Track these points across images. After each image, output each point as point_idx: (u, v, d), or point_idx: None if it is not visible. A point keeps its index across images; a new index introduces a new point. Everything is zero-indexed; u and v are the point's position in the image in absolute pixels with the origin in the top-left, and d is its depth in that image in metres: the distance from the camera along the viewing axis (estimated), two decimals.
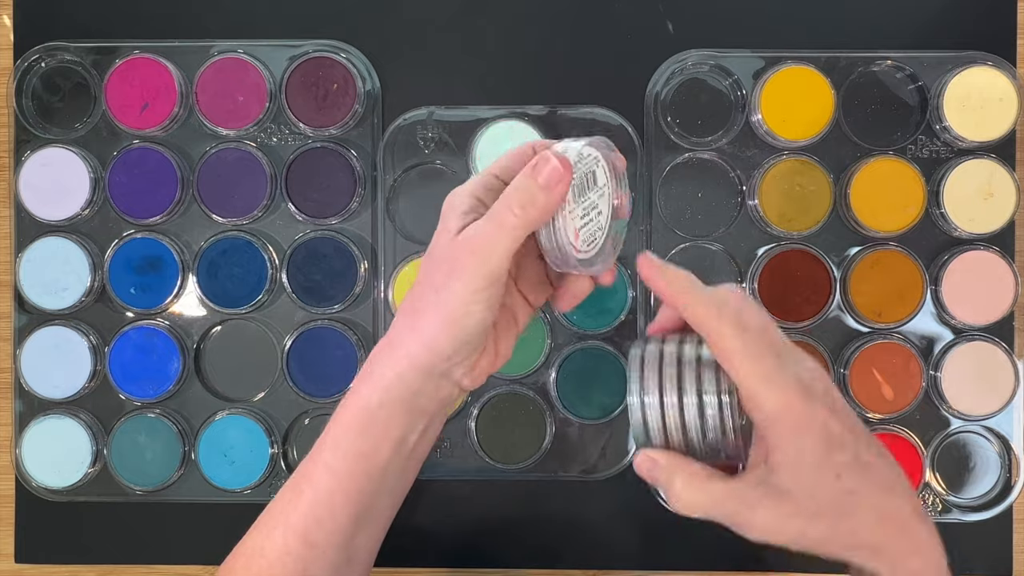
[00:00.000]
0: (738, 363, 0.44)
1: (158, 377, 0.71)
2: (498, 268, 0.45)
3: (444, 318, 0.46)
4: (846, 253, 0.70)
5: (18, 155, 0.71)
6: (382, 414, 0.48)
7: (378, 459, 0.49)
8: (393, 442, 0.49)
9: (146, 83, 0.70)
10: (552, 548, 0.72)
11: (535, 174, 0.45)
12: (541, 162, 0.45)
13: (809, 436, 0.43)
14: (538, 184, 0.45)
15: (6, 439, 0.72)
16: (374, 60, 0.71)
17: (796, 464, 0.44)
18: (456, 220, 0.47)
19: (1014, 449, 0.70)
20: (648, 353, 0.47)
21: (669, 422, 0.46)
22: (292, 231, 0.71)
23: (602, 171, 0.49)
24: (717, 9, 0.71)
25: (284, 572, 0.50)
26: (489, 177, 0.49)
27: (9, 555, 0.72)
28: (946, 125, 0.69)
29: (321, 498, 0.49)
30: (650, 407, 0.46)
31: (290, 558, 0.50)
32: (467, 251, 0.45)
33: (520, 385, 0.71)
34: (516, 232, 0.45)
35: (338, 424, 0.50)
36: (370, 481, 0.49)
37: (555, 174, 0.45)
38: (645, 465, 0.46)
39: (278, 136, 0.71)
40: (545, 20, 0.72)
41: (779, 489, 0.44)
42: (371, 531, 0.52)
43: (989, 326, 0.69)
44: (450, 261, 0.46)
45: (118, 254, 0.71)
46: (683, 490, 0.45)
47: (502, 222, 0.45)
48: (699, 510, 0.45)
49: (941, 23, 0.71)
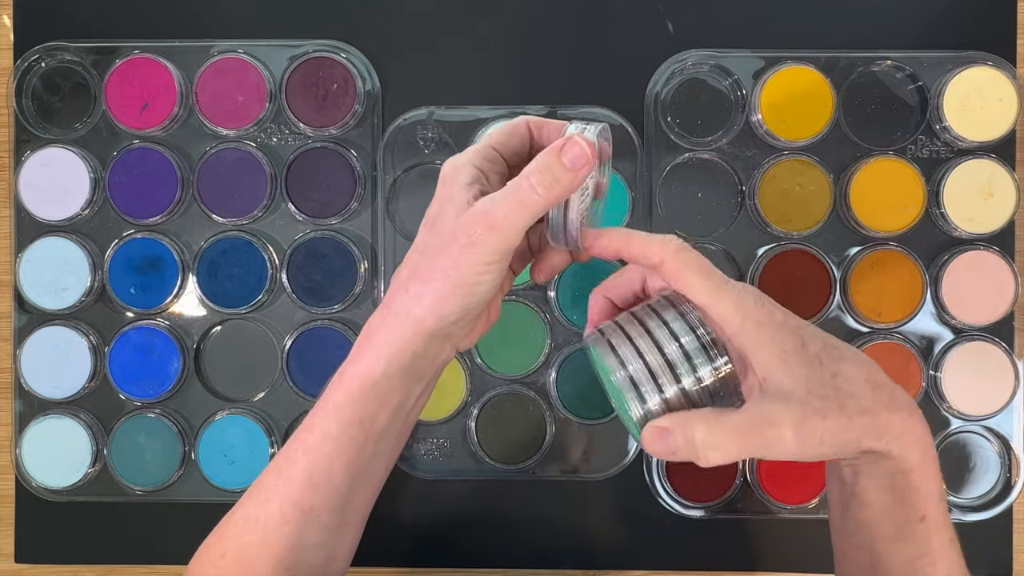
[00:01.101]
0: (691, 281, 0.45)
1: (158, 377, 0.71)
2: (514, 242, 0.46)
3: (455, 285, 0.46)
4: (846, 253, 0.70)
5: (18, 155, 0.71)
6: (384, 383, 0.49)
7: (376, 426, 0.50)
8: (392, 409, 0.49)
9: (146, 83, 0.70)
10: (552, 548, 0.72)
11: (563, 154, 0.45)
12: (569, 144, 0.46)
13: (776, 330, 0.45)
14: (563, 165, 0.45)
15: (6, 439, 0.72)
16: (374, 60, 0.71)
17: (782, 362, 0.44)
18: (462, 191, 0.47)
19: (1014, 449, 0.70)
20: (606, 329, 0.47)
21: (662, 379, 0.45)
22: (292, 231, 0.71)
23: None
24: (717, 9, 0.71)
25: (280, 540, 0.50)
26: (488, 149, 0.49)
27: (9, 555, 0.73)
28: (946, 125, 0.69)
29: (319, 465, 0.50)
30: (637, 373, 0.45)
31: (288, 527, 0.50)
32: (485, 225, 0.45)
33: (520, 385, 0.71)
34: (537, 210, 0.46)
35: (338, 392, 0.50)
36: (367, 446, 0.50)
37: (582, 157, 0.45)
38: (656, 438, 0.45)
39: (278, 136, 0.71)
40: (545, 20, 0.72)
41: (783, 396, 0.44)
42: (365, 494, 0.52)
43: (989, 326, 0.69)
44: (467, 233, 0.46)
45: (118, 254, 0.71)
46: (707, 437, 0.44)
47: (524, 199, 0.45)
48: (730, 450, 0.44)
49: (941, 23, 0.71)
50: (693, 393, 0.45)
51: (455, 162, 0.49)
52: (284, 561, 0.51)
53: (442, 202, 0.48)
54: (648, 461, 0.71)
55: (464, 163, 0.48)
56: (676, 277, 0.46)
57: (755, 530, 0.71)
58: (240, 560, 0.52)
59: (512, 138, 0.50)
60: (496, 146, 0.50)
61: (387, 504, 0.72)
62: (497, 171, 0.49)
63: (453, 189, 0.48)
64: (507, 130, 0.50)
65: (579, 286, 0.70)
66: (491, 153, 0.49)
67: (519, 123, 0.51)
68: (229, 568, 0.52)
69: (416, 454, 0.71)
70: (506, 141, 0.50)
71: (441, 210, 0.48)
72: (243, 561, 0.51)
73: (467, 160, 0.49)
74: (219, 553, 0.53)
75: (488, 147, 0.50)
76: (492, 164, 0.49)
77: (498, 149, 0.50)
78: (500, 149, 0.50)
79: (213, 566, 0.53)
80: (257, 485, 0.52)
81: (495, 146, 0.50)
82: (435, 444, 0.71)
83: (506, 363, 0.71)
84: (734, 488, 0.70)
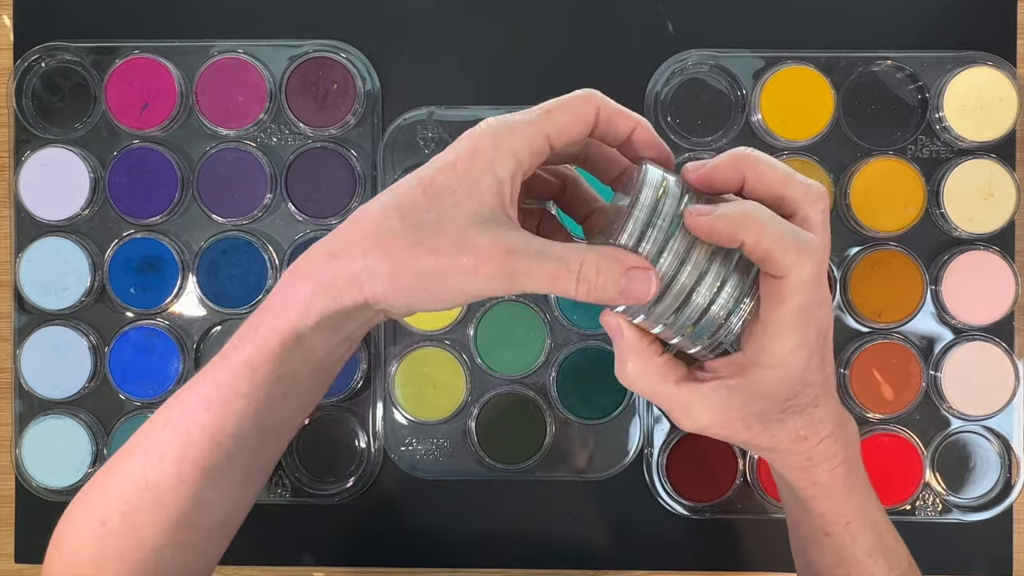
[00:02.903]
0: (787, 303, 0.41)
1: (158, 377, 0.71)
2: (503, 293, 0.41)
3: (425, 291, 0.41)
4: (846, 253, 0.70)
5: (18, 155, 0.71)
6: (309, 340, 0.43)
7: (297, 381, 0.45)
8: (314, 364, 0.45)
9: (146, 83, 0.70)
10: (552, 548, 0.72)
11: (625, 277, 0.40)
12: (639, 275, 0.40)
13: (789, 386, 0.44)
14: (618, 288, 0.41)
15: (6, 439, 0.72)
16: (374, 60, 0.71)
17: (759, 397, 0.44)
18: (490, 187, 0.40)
19: (1014, 449, 0.70)
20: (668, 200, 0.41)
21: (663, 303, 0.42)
22: (292, 231, 0.71)
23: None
24: (717, 9, 0.71)
25: (176, 501, 0.45)
26: (542, 139, 0.41)
27: (9, 555, 0.72)
28: (946, 125, 0.69)
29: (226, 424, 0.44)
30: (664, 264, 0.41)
31: (185, 486, 0.45)
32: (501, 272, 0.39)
33: (520, 385, 0.71)
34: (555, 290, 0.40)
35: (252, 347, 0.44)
36: (285, 401, 0.45)
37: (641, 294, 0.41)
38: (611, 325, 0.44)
39: (278, 136, 0.71)
40: (545, 20, 0.72)
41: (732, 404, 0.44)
42: (272, 448, 0.48)
43: (989, 326, 0.69)
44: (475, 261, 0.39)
45: (118, 254, 0.71)
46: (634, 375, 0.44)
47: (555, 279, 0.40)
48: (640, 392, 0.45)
49: (941, 23, 0.71)
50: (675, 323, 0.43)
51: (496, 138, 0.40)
52: (182, 521, 0.46)
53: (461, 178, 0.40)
54: (648, 461, 0.71)
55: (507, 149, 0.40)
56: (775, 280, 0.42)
57: (755, 530, 0.71)
58: (127, 526, 0.46)
59: (575, 128, 0.42)
60: (553, 136, 0.41)
61: (387, 504, 0.72)
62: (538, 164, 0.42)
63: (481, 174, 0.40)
64: (572, 116, 0.42)
65: None
66: (543, 146, 0.41)
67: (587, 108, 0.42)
68: (113, 535, 0.46)
69: (416, 454, 0.71)
70: (566, 131, 0.41)
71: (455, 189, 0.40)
72: (131, 527, 0.46)
73: (511, 147, 0.40)
74: (99, 520, 0.47)
75: (543, 135, 0.41)
76: (536, 158, 0.41)
77: (553, 140, 0.41)
78: (555, 140, 0.41)
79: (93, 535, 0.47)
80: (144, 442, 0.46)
81: (551, 136, 0.41)
82: (435, 444, 0.71)
83: (506, 363, 0.71)
84: (734, 488, 0.70)
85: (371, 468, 0.71)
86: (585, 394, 0.71)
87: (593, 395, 0.71)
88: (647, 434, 0.70)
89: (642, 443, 0.71)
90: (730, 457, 0.70)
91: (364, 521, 0.72)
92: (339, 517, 0.71)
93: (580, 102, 0.42)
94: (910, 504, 0.70)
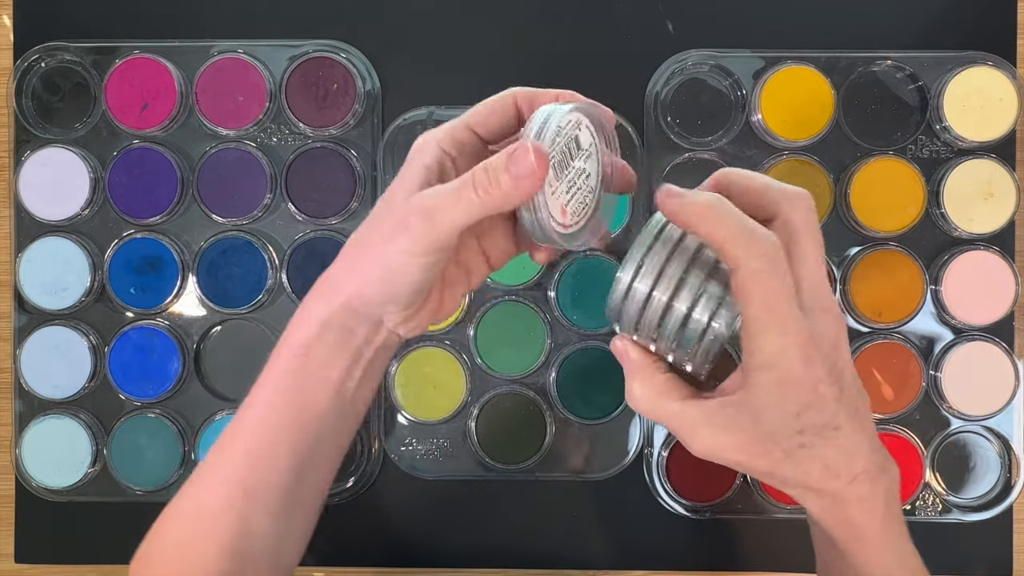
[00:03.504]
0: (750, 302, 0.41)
1: (158, 377, 0.71)
2: (444, 240, 0.43)
3: (380, 269, 0.45)
4: (846, 253, 0.70)
5: (18, 155, 0.71)
6: (319, 353, 0.47)
7: (318, 403, 0.47)
8: (332, 385, 0.47)
9: (146, 83, 0.70)
10: (552, 548, 0.72)
11: (510, 162, 0.42)
12: (520, 153, 0.42)
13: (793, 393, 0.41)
14: (509, 173, 0.42)
15: (6, 439, 0.72)
16: (374, 60, 0.71)
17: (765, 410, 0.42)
18: (417, 175, 0.45)
19: (1014, 449, 0.70)
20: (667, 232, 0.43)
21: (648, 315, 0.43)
22: (292, 231, 0.71)
23: (587, 132, 0.46)
24: (717, 9, 0.71)
25: (225, 527, 0.47)
26: (461, 128, 0.46)
27: (9, 555, 0.73)
28: (946, 125, 0.69)
29: (261, 444, 0.47)
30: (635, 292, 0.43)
31: (232, 513, 0.47)
32: (419, 214, 0.43)
33: (520, 385, 0.71)
34: (473, 211, 0.42)
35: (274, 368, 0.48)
36: (309, 425, 0.48)
37: (527, 169, 0.41)
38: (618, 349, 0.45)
39: (278, 136, 0.71)
40: (545, 20, 0.72)
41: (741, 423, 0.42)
42: (312, 481, 0.50)
43: (989, 326, 0.69)
44: (400, 217, 0.43)
45: (118, 254, 0.71)
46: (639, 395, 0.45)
47: (461, 197, 0.43)
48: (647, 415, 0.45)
49: (941, 23, 0.71)
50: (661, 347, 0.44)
51: (425, 137, 0.46)
52: (229, 549, 0.47)
53: (399, 180, 0.45)
54: (648, 461, 0.71)
55: (430, 141, 0.45)
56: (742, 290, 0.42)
57: (755, 530, 0.71)
58: (184, 553, 0.49)
59: (494, 116, 0.46)
60: (473, 125, 0.46)
61: (387, 504, 0.72)
62: (468, 153, 0.46)
63: (411, 168, 0.45)
64: (489, 107, 0.46)
65: (579, 286, 0.70)
66: (465, 134, 0.46)
67: (505, 98, 0.46)
68: (171, 563, 0.49)
69: (416, 454, 0.71)
70: (486, 119, 0.46)
71: (395, 185, 0.45)
72: (187, 554, 0.48)
73: (435, 139, 0.45)
74: (160, 548, 0.50)
75: (463, 126, 0.46)
76: (463, 146, 0.46)
77: (475, 128, 0.46)
78: (478, 128, 0.46)
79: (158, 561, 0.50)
80: (196, 473, 0.50)
81: (472, 125, 0.46)
82: (435, 444, 0.71)
83: (506, 363, 0.71)
84: (734, 488, 0.70)
85: (371, 468, 0.71)
86: (585, 394, 0.71)
87: (593, 395, 0.71)
88: (647, 434, 0.70)
89: (642, 443, 0.71)
90: None
91: (364, 521, 0.72)
92: (339, 517, 0.71)
93: (498, 96, 0.47)
94: (910, 504, 0.70)
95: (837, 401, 0.43)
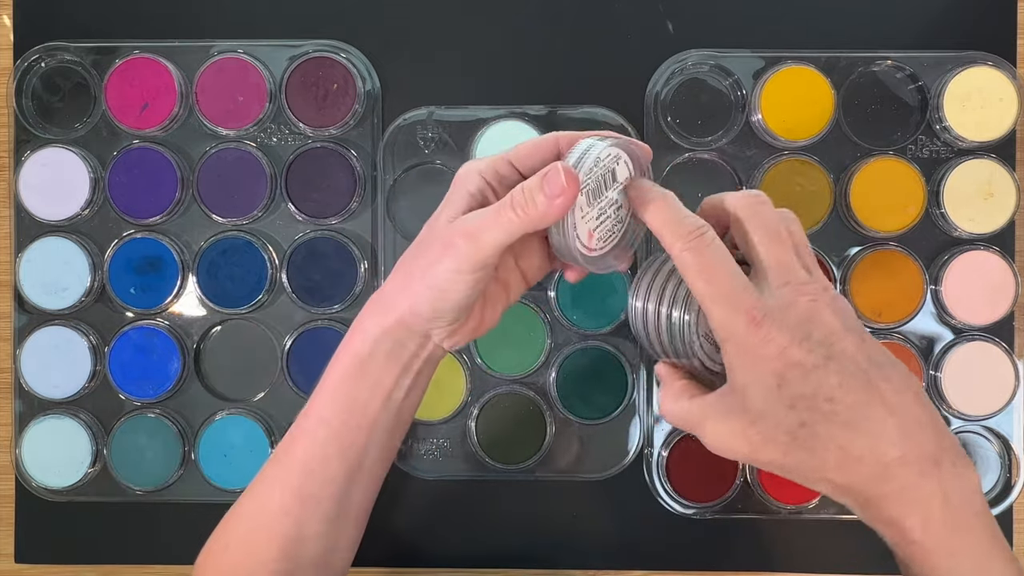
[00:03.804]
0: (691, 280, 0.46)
1: (158, 377, 0.71)
2: (487, 257, 0.47)
3: (428, 287, 0.48)
4: (846, 253, 0.70)
5: (18, 155, 0.71)
6: (372, 365, 0.51)
7: (368, 412, 0.51)
8: (383, 394, 0.51)
9: (146, 83, 0.70)
10: (552, 548, 0.72)
11: (544, 182, 0.46)
12: (552, 173, 0.46)
13: (758, 362, 0.43)
14: (543, 192, 0.46)
15: (6, 439, 0.72)
16: (374, 60, 0.71)
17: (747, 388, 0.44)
18: (461, 201, 0.49)
19: (1014, 449, 0.70)
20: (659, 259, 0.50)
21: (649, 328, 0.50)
22: (292, 231, 0.71)
23: (624, 166, 0.50)
24: (717, 9, 0.71)
25: (280, 530, 0.51)
26: (503, 163, 0.50)
27: (9, 555, 0.73)
28: (946, 125, 0.69)
29: (315, 451, 0.51)
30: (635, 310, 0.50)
31: (288, 516, 0.51)
32: (464, 235, 0.47)
33: (520, 385, 0.71)
34: (513, 229, 0.46)
35: (330, 378, 0.52)
36: (360, 433, 0.51)
37: (559, 188, 0.45)
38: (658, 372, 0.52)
39: (278, 136, 0.71)
40: (545, 20, 0.72)
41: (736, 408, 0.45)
42: (362, 487, 0.53)
43: (989, 326, 0.69)
44: (447, 239, 0.48)
45: (118, 254, 0.71)
46: (664, 401, 0.49)
47: (500, 217, 0.47)
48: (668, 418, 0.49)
49: (941, 23, 0.71)
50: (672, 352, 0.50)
51: (468, 167, 0.50)
52: (284, 550, 0.51)
53: (444, 207, 0.50)
54: (648, 461, 0.71)
55: (475, 171, 0.50)
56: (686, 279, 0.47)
57: (755, 530, 0.71)
58: (243, 550, 0.53)
59: (535, 154, 0.50)
60: (514, 160, 0.50)
61: (387, 504, 0.72)
62: (507, 185, 0.49)
63: (456, 195, 0.49)
64: (531, 146, 0.50)
65: (579, 286, 0.70)
66: (505, 167, 0.50)
67: (547, 140, 0.50)
68: (232, 560, 0.53)
69: (416, 454, 0.71)
70: (526, 157, 0.50)
71: (440, 211, 0.50)
72: (246, 552, 0.52)
73: (478, 169, 0.50)
74: (222, 546, 0.54)
75: (504, 160, 0.50)
76: (503, 178, 0.50)
77: (515, 164, 0.50)
78: (518, 164, 0.50)
79: (216, 560, 0.54)
80: (259, 475, 0.54)
81: (513, 160, 0.50)
82: (435, 444, 0.71)
83: (506, 363, 0.71)
84: (734, 488, 0.70)
85: None
86: (585, 394, 0.71)
87: (593, 395, 0.71)
88: (647, 434, 0.70)
89: (642, 443, 0.71)
90: None
91: None
92: None
93: (542, 137, 0.51)
94: None
95: (819, 368, 0.42)
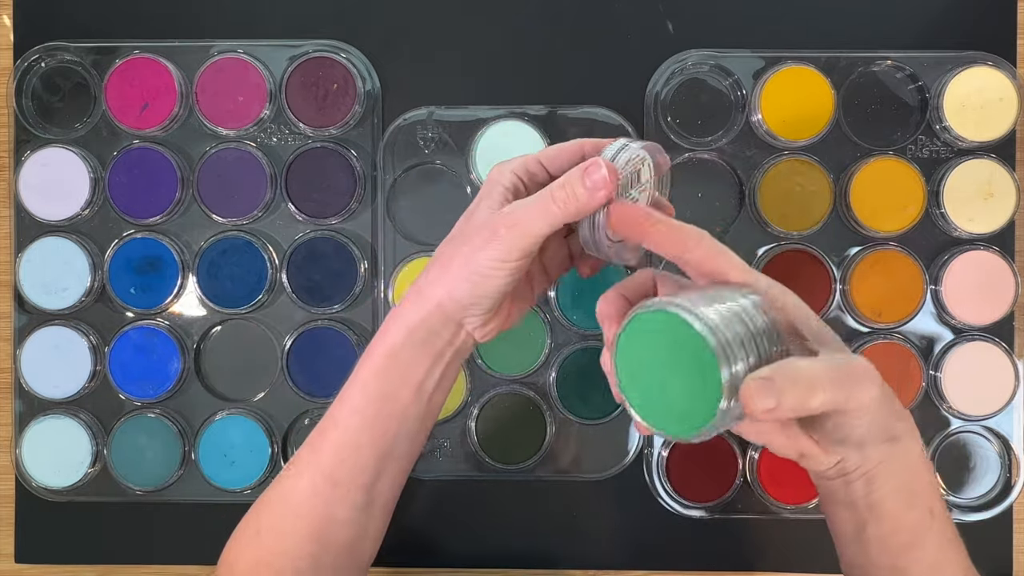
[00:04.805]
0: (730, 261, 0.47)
1: (158, 377, 0.71)
2: (531, 245, 0.49)
3: (470, 272, 0.50)
4: (846, 253, 0.70)
5: (18, 155, 0.71)
6: (405, 354, 0.52)
7: (400, 401, 0.53)
8: (415, 383, 0.53)
9: (146, 83, 0.70)
10: (552, 548, 0.72)
11: (585, 175, 0.48)
12: (593, 167, 0.49)
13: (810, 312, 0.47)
14: (584, 185, 0.48)
15: (6, 439, 0.72)
16: (374, 60, 0.71)
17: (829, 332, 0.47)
18: (499, 195, 0.51)
19: (1014, 449, 0.70)
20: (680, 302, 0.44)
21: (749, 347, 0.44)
22: (292, 231, 0.71)
23: (647, 169, 0.52)
24: (717, 9, 0.71)
25: (311, 514, 0.53)
26: (534, 162, 0.53)
27: (9, 555, 0.73)
28: (946, 125, 0.69)
29: (347, 438, 0.53)
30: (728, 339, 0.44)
31: (318, 500, 0.53)
32: (508, 224, 0.49)
33: (520, 385, 0.71)
34: (555, 220, 0.49)
35: (364, 368, 0.53)
36: (392, 422, 0.53)
37: (600, 181, 0.48)
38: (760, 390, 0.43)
39: (278, 136, 0.71)
40: (545, 20, 0.72)
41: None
42: (391, 476, 0.55)
43: (989, 326, 0.69)
44: (490, 228, 0.50)
45: (118, 254, 0.71)
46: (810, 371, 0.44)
47: (545, 208, 0.49)
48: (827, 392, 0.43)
49: (941, 23, 0.71)
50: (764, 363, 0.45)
51: (502, 167, 0.53)
52: (315, 534, 0.53)
53: (480, 199, 0.52)
54: (648, 461, 0.71)
55: (507, 170, 0.52)
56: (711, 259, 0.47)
57: (755, 530, 0.71)
58: (274, 534, 0.54)
59: (563, 155, 0.53)
60: (544, 160, 0.53)
61: None
62: (538, 182, 0.52)
63: (492, 189, 0.52)
64: (559, 148, 0.53)
65: (579, 286, 0.70)
66: (536, 166, 0.53)
67: (574, 145, 0.53)
68: (263, 543, 0.54)
69: None
70: (554, 159, 0.53)
71: (477, 206, 0.52)
72: (277, 535, 0.54)
73: (511, 168, 0.52)
74: (253, 532, 0.55)
75: (535, 160, 0.53)
76: (533, 176, 0.53)
77: (545, 164, 0.53)
78: (547, 164, 0.53)
79: (248, 544, 0.55)
80: (293, 460, 0.55)
81: (543, 161, 0.53)
82: (435, 444, 0.71)
83: (506, 363, 0.71)
84: (734, 488, 0.70)
85: None
86: (585, 394, 0.71)
87: (593, 395, 0.71)
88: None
89: (642, 443, 0.71)
90: (730, 457, 0.70)
91: None
92: None
93: (568, 142, 0.54)
94: None
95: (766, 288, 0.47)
